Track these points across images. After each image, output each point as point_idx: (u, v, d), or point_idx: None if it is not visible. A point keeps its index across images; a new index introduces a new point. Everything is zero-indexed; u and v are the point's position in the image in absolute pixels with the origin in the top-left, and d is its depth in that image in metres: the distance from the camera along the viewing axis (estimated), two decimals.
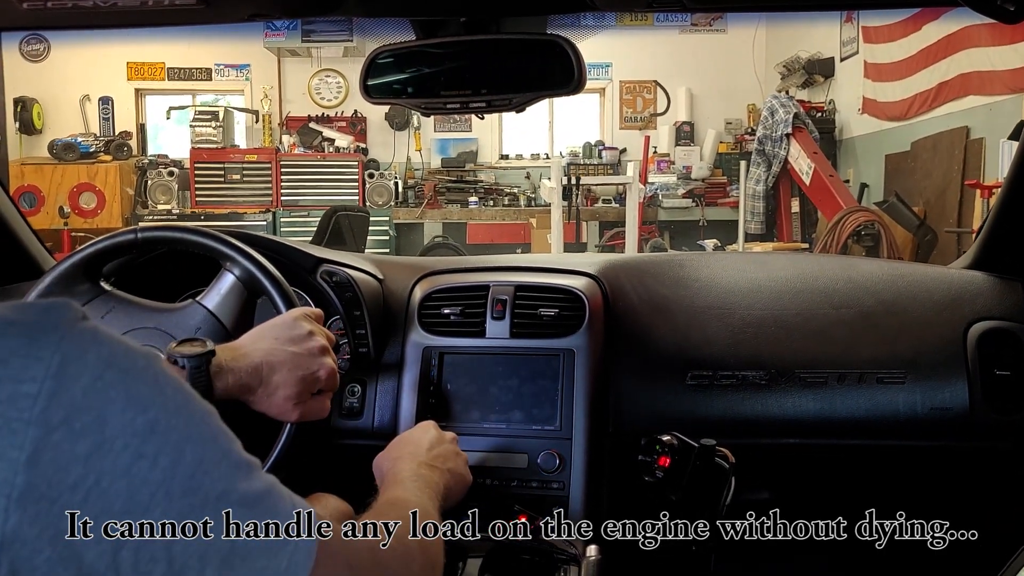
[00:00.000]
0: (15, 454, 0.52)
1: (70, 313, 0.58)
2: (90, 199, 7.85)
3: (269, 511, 0.60)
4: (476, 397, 1.35)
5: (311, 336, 1.06)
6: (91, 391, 0.54)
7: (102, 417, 0.54)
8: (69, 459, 0.53)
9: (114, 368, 0.56)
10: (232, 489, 0.58)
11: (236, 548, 0.57)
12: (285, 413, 1.04)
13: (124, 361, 0.57)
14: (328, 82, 9.03)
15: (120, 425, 0.55)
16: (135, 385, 0.57)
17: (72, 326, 0.56)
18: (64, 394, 0.53)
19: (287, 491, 0.63)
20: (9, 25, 1.23)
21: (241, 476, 0.60)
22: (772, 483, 1.52)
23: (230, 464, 0.60)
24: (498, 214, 8.51)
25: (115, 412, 0.55)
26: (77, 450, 0.53)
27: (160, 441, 0.56)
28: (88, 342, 0.56)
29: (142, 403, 0.56)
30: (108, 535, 0.53)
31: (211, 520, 0.56)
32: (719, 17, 8.30)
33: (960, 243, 5.48)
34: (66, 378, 0.54)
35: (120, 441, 0.54)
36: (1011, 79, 5.11)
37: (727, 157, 8.71)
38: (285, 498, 0.62)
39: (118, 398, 0.55)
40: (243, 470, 0.61)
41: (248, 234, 1.39)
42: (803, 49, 7.95)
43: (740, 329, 1.44)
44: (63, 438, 0.53)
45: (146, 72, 8.96)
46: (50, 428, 0.52)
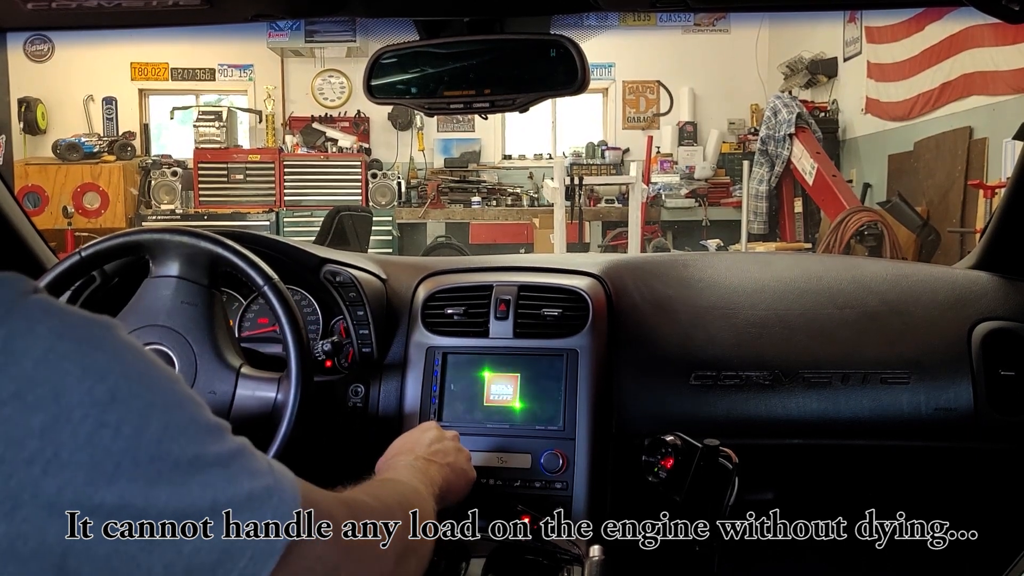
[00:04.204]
0: None
1: (19, 286, 0.56)
2: (94, 199, 7.87)
3: (245, 468, 0.59)
4: (479, 397, 1.35)
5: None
6: (43, 363, 0.53)
7: (57, 388, 0.52)
8: (23, 433, 0.51)
9: (67, 338, 0.54)
10: (204, 452, 0.57)
11: (217, 506, 0.56)
12: None
13: (78, 331, 0.55)
14: (331, 82, 9.05)
15: (78, 395, 0.53)
16: (92, 354, 0.55)
17: (20, 299, 0.55)
18: (13, 367, 0.52)
19: (261, 453, 0.62)
20: (13, 25, 1.23)
21: (212, 439, 0.58)
22: (776, 483, 1.52)
23: (199, 428, 0.58)
24: (501, 214, 8.52)
25: (71, 383, 0.53)
26: (31, 423, 0.51)
27: (122, 409, 0.54)
28: (38, 314, 0.54)
29: (100, 371, 0.54)
30: (73, 507, 0.52)
31: (186, 483, 0.55)
32: (722, 17, 8.30)
33: (963, 243, 5.48)
34: (14, 352, 0.52)
35: (79, 411, 0.52)
36: (1014, 79, 5.10)
37: (730, 157, 8.71)
38: (258, 457, 0.61)
39: (73, 368, 0.53)
40: (213, 433, 0.59)
41: (251, 234, 1.40)
42: (806, 49, 7.94)
43: (744, 329, 1.43)
44: (15, 412, 0.51)
45: (150, 72, 8.98)
46: (0, 402, 0.51)
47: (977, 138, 5.59)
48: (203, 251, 1.20)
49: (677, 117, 9.16)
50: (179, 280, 1.20)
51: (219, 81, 9.14)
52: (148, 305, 1.20)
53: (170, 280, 1.20)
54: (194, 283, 1.20)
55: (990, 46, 5.32)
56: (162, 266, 1.21)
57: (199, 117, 8.23)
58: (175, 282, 1.20)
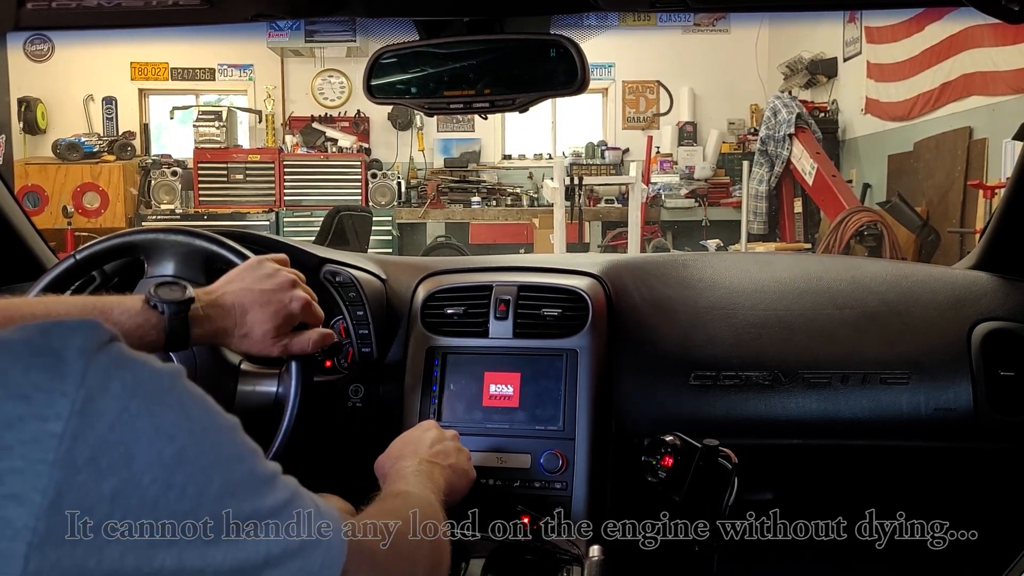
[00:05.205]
0: (38, 498, 0.49)
1: (96, 336, 0.54)
2: (93, 199, 7.87)
3: (297, 518, 0.60)
4: (479, 397, 1.35)
5: (277, 272, 1.06)
6: (118, 425, 0.51)
7: (129, 452, 0.51)
8: (95, 500, 0.50)
9: (139, 396, 0.53)
10: (260, 506, 0.58)
11: (271, 559, 0.57)
12: (266, 349, 1.05)
13: (149, 386, 0.55)
14: (331, 82, 9.05)
15: (148, 459, 0.52)
16: (161, 412, 0.54)
17: (97, 352, 0.53)
18: (90, 431, 0.50)
19: (307, 492, 0.63)
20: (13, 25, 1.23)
21: (268, 490, 0.59)
22: (775, 484, 1.52)
23: (256, 481, 0.59)
24: (501, 214, 8.52)
25: (143, 445, 0.52)
26: (103, 490, 0.50)
27: (188, 470, 0.54)
28: (113, 369, 0.53)
29: (169, 432, 0.54)
30: (134, 571, 0.51)
31: (242, 539, 0.56)
32: (722, 17, 8.30)
33: (963, 243, 5.48)
34: (92, 414, 0.51)
35: (148, 476, 0.52)
36: (1014, 79, 5.10)
37: (730, 157, 8.71)
38: (308, 501, 0.62)
39: (145, 429, 0.53)
40: (268, 484, 0.60)
41: (251, 234, 1.39)
42: (806, 49, 7.94)
43: (743, 329, 1.43)
44: (88, 478, 0.50)
45: (150, 72, 8.98)
46: (75, 469, 0.49)
47: (977, 138, 5.59)
48: (198, 249, 1.20)
49: (677, 117, 9.16)
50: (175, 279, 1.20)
51: (219, 81, 9.14)
52: None
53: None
54: (191, 282, 1.21)
55: (990, 46, 5.32)
56: (157, 266, 1.21)
57: (199, 117, 8.23)
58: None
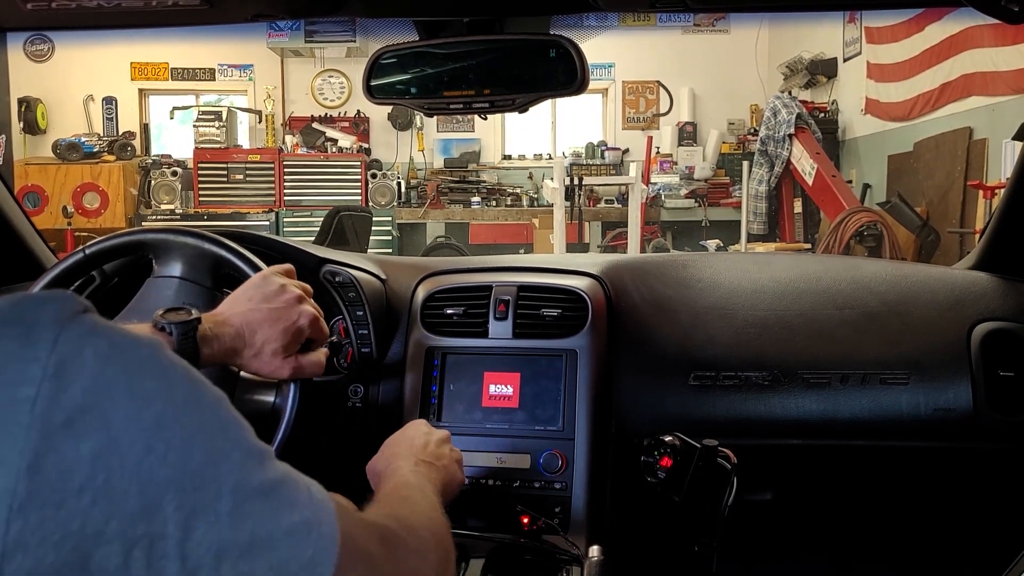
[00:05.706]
0: (16, 459, 0.49)
1: (68, 306, 0.55)
2: (93, 199, 7.87)
3: (285, 500, 0.58)
4: (478, 397, 1.35)
5: (284, 289, 1.06)
6: (92, 389, 0.52)
7: (106, 415, 0.52)
8: (73, 461, 0.50)
9: (115, 362, 0.54)
10: (246, 479, 0.56)
11: (256, 540, 0.55)
12: (277, 370, 1.04)
13: (126, 354, 0.55)
14: (331, 82, 9.05)
15: (125, 421, 0.52)
16: (139, 378, 0.54)
17: (69, 321, 0.54)
18: (63, 395, 0.51)
19: (303, 477, 0.61)
20: (13, 25, 1.23)
21: (254, 465, 0.58)
22: (775, 484, 1.52)
23: (243, 453, 0.57)
24: (500, 214, 8.52)
25: (119, 409, 0.52)
26: (81, 451, 0.51)
27: (169, 435, 0.53)
28: (86, 336, 0.54)
29: (147, 397, 0.54)
30: (118, 536, 0.51)
31: (227, 513, 0.54)
32: (722, 17, 8.30)
33: (963, 244, 5.48)
34: (64, 378, 0.51)
35: (127, 438, 0.52)
36: (1014, 80, 5.10)
37: (730, 157, 8.71)
38: (301, 485, 0.60)
39: (121, 394, 0.53)
40: (256, 458, 0.58)
41: (251, 234, 1.40)
42: (806, 49, 7.94)
43: (743, 329, 1.43)
44: (65, 440, 0.50)
45: (150, 72, 8.98)
46: (51, 431, 0.50)
47: (977, 138, 5.59)
48: (206, 253, 1.20)
49: (677, 117, 9.16)
50: (181, 281, 1.20)
51: (219, 81, 9.14)
52: (149, 305, 1.20)
53: (172, 281, 1.20)
54: (196, 284, 1.21)
55: (990, 47, 5.32)
56: (165, 266, 1.21)
57: (199, 117, 8.23)
58: (177, 283, 1.20)
